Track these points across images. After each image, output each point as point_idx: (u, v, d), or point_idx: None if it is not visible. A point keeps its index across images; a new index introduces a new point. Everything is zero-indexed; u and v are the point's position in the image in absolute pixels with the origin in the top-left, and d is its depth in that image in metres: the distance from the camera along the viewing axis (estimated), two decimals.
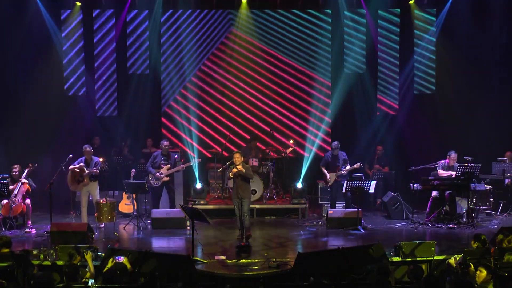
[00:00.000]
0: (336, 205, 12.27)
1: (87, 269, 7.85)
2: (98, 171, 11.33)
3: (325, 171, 12.11)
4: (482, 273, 6.94)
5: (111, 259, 7.79)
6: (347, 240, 10.23)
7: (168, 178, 12.06)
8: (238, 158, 9.90)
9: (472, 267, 7.26)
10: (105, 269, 7.65)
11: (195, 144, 14.34)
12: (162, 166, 12.04)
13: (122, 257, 7.79)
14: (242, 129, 14.72)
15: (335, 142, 12.21)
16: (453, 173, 11.45)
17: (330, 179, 12.02)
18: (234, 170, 9.89)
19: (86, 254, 7.92)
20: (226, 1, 14.65)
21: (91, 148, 11.56)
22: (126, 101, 14.71)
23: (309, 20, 14.83)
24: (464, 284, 6.53)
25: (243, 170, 9.83)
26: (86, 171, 11.25)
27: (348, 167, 11.92)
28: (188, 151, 14.21)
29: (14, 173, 11.30)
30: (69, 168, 11.36)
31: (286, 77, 14.90)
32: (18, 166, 11.37)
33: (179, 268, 7.86)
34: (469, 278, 7.15)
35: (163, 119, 14.88)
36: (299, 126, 14.86)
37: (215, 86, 14.90)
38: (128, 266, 7.73)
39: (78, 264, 7.87)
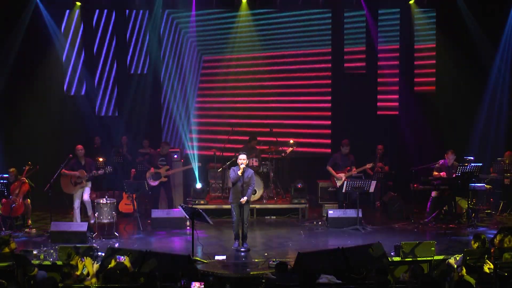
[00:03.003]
0: (331, 205, 12.30)
1: (85, 273, 7.80)
2: (98, 172, 11.26)
3: (333, 171, 12.07)
4: None
5: (113, 259, 7.78)
6: (347, 240, 10.22)
7: (166, 178, 12.06)
8: (243, 160, 9.72)
9: (464, 271, 7.28)
10: (110, 265, 7.66)
11: (195, 144, 14.35)
12: (160, 166, 12.04)
13: (123, 256, 7.78)
14: (242, 129, 14.72)
15: (346, 140, 12.18)
16: (443, 173, 11.49)
17: (341, 179, 11.93)
18: (244, 165, 9.64)
19: (86, 259, 7.84)
20: (226, 1, 14.65)
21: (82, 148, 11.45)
22: (126, 101, 14.72)
23: (309, 20, 14.83)
24: (464, 284, 6.54)
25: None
26: (86, 174, 11.22)
27: (354, 168, 11.94)
28: (188, 150, 14.22)
29: (10, 176, 11.29)
30: (65, 172, 11.25)
31: (286, 77, 14.90)
32: (14, 169, 11.34)
33: (179, 268, 7.86)
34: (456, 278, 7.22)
35: (163, 119, 14.89)
36: (299, 126, 14.87)
37: (215, 85, 14.90)
38: (129, 266, 7.72)
39: (76, 263, 7.84)
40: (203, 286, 7.20)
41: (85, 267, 7.69)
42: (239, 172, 9.62)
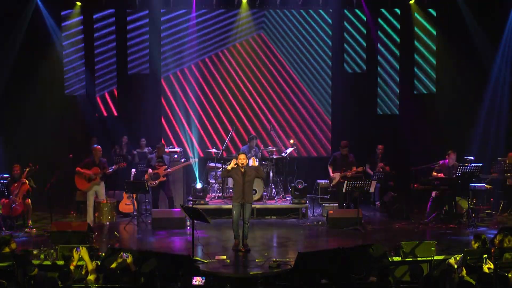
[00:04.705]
0: (331, 205, 12.33)
1: (84, 267, 7.78)
2: (110, 170, 11.53)
3: (330, 171, 12.09)
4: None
5: (119, 255, 7.76)
6: (347, 240, 10.22)
7: (165, 178, 12.08)
8: (243, 159, 9.66)
9: (464, 271, 7.28)
10: (114, 264, 7.65)
11: (195, 144, 14.37)
12: (157, 167, 12.05)
13: (127, 254, 7.77)
14: (242, 129, 14.73)
15: (345, 141, 12.18)
16: (440, 174, 11.51)
17: (335, 178, 11.99)
18: (234, 161, 9.60)
19: (81, 249, 7.81)
20: (226, 1, 14.66)
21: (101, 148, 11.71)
22: (126, 101, 14.73)
23: (309, 20, 14.84)
24: (465, 284, 6.54)
25: (255, 164, 9.75)
26: (100, 171, 11.41)
27: (354, 168, 11.93)
28: (189, 150, 14.24)
29: (15, 172, 11.27)
30: (80, 171, 11.45)
31: (286, 77, 14.92)
32: (18, 165, 11.35)
33: (179, 268, 7.85)
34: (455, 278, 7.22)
35: (163, 119, 14.88)
36: (299, 126, 14.89)
37: (215, 86, 14.90)
38: (131, 264, 7.70)
39: (77, 264, 7.83)
40: (204, 281, 7.19)
41: (82, 258, 7.67)
42: (228, 167, 9.65)
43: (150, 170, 11.99)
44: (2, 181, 11.23)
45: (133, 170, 12.62)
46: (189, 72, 14.81)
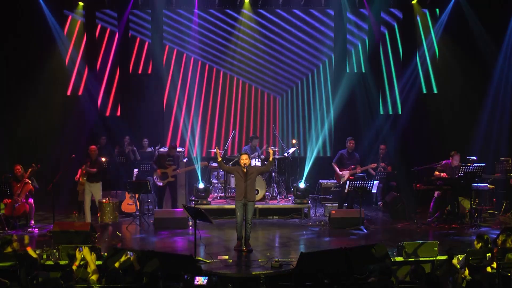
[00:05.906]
0: (334, 205, 12.33)
1: (87, 267, 7.79)
2: (94, 170, 11.36)
3: (337, 168, 12.09)
4: None
5: (124, 253, 7.77)
6: (349, 240, 10.22)
7: (174, 178, 12.07)
8: (246, 159, 9.68)
9: (467, 271, 7.27)
10: (117, 264, 7.65)
11: (197, 144, 14.37)
12: (167, 166, 12.05)
13: (132, 253, 7.78)
14: (244, 129, 14.74)
15: (352, 138, 12.16)
16: (444, 174, 11.48)
17: (344, 176, 11.96)
18: (218, 152, 9.77)
19: (84, 249, 7.82)
20: (228, 1, 14.66)
21: (96, 148, 11.70)
22: (129, 101, 14.74)
23: (311, 20, 14.84)
24: (475, 284, 6.54)
25: (271, 159, 9.83)
26: (84, 172, 11.40)
27: (359, 167, 11.91)
28: (192, 151, 14.24)
29: (17, 172, 11.28)
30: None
31: (288, 77, 14.92)
32: (20, 166, 11.36)
33: (181, 268, 7.85)
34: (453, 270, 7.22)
35: (165, 119, 14.89)
36: (302, 126, 14.88)
37: (217, 85, 14.91)
38: (134, 262, 7.70)
39: (81, 263, 7.84)
40: (206, 281, 7.19)
41: (84, 258, 7.68)
42: (219, 159, 9.67)
43: (158, 171, 11.99)
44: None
45: (135, 170, 12.63)
46: (192, 71, 14.81)
